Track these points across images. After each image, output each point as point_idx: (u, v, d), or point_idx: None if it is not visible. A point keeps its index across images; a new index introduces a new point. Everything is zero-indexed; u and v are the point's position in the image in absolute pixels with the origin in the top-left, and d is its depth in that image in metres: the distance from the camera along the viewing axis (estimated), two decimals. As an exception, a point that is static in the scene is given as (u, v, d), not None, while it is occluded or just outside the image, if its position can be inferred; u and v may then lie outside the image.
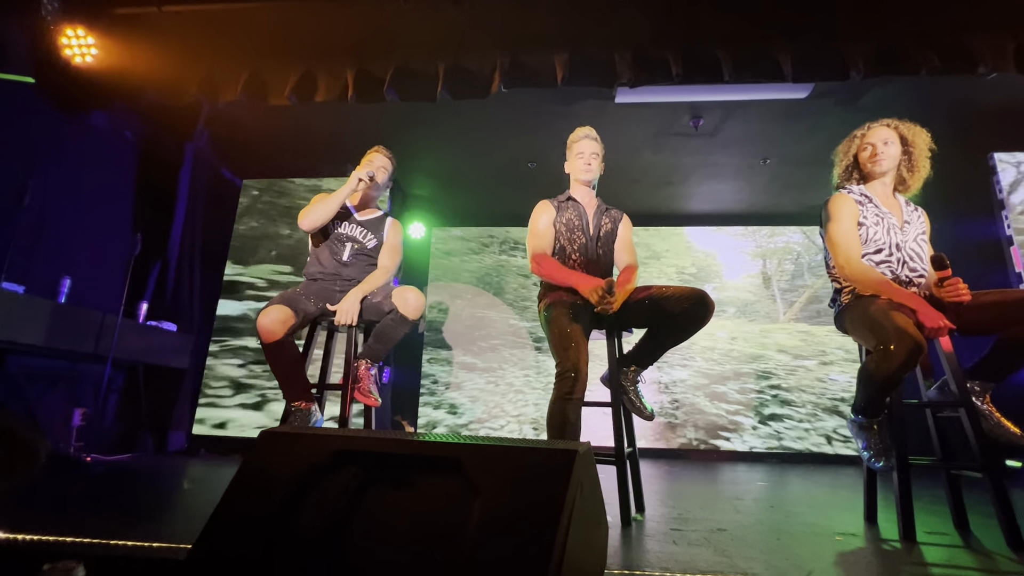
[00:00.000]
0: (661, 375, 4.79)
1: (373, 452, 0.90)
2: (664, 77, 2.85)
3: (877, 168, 1.78)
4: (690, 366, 4.82)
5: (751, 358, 4.81)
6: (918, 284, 1.71)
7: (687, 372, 4.80)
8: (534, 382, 4.89)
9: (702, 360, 4.83)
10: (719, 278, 5.12)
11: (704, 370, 4.80)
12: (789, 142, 3.94)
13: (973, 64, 2.69)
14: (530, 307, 5.11)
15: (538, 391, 4.84)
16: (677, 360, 4.83)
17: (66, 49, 2.94)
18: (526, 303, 5.16)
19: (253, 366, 3.94)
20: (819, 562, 1.26)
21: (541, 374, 4.90)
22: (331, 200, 2.05)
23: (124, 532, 1.28)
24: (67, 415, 2.99)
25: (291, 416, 1.87)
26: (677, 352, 4.69)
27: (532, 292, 5.15)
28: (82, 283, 2.98)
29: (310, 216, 2.03)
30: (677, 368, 4.82)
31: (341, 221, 2.14)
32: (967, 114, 3.48)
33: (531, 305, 5.09)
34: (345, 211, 2.16)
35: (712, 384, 4.75)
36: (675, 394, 4.73)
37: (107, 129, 3.44)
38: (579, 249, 1.93)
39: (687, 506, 2.01)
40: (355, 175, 2.07)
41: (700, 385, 4.75)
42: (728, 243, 5.22)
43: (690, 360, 4.84)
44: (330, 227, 2.12)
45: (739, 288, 5.04)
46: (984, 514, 1.78)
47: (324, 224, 2.07)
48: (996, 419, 1.58)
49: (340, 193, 2.05)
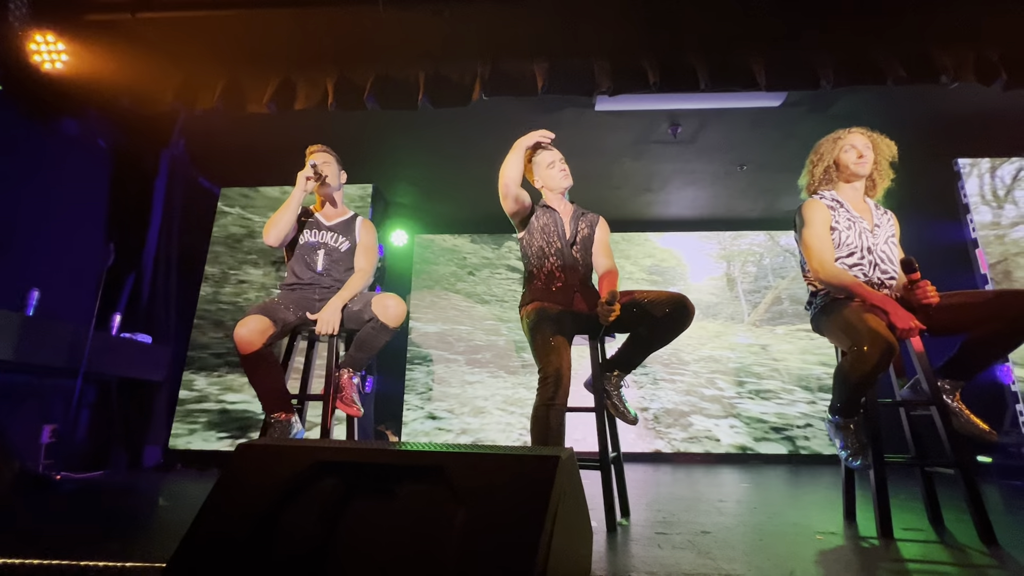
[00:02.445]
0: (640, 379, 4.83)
1: (355, 463, 0.89)
2: (642, 85, 2.91)
3: (861, 170, 1.82)
4: (667, 370, 4.87)
5: (724, 360, 4.88)
6: (889, 286, 1.76)
7: (665, 375, 4.84)
8: (519, 388, 4.88)
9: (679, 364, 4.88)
10: (683, 280, 5.20)
11: (681, 373, 4.85)
12: (765, 149, 4.04)
13: (936, 74, 2.80)
14: (513, 314, 5.11)
15: (523, 397, 4.83)
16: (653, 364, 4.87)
17: (35, 55, 2.86)
18: (509, 310, 5.16)
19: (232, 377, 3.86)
20: (800, 561, 1.28)
21: (526, 380, 4.90)
22: (286, 207, 2.00)
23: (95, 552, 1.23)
24: (36, 432, 2.88)
25: (271, 428, 1.83)
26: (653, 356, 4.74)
27: (515, 299, 5.15)
28: (52, 295, 2.89)
29: (273, 229, 1.99)
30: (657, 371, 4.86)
31: (310, 230, 2.10)
32: (932, 122, 3.61)
33: (514, 312, 5.09)
34: (312, 219, 2.13)
35: (690, 387, 4.80)
36: (655, 398, 4.77)
37: (79, 137, 3.36)
38: (555, 253, 1.94)
39: (672, 509, 2.02)
40: (300, 175, 2.03)
41: (678, 388, 4.79)
42: (692, 245, 5.31)
43: (668, 364, 4.89)
44: (299, 238, 2.08)
45: (702, 290, 5.12)
46: (957, 509, 1.83)
47: (287, 233, 2.02)
48: (966, 416, 1.63)
49: (293, 198, 2.00)
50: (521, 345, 5.00)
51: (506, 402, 4.83)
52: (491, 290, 5.27)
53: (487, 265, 5.35)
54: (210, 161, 4.21)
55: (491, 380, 4.92)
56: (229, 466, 0.91)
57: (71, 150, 3.31)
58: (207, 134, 3.87)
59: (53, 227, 3.12)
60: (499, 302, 5.22)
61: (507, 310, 5.17)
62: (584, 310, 1.86)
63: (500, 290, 5.26)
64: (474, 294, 5.26)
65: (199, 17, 2.85)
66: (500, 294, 5.25)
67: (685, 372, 4.86)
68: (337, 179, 2.19)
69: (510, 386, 4.89)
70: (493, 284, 5.29)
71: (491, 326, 5.13)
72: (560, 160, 2.03)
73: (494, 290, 5.27)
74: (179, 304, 3.99)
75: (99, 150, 3.53)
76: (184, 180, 4.10)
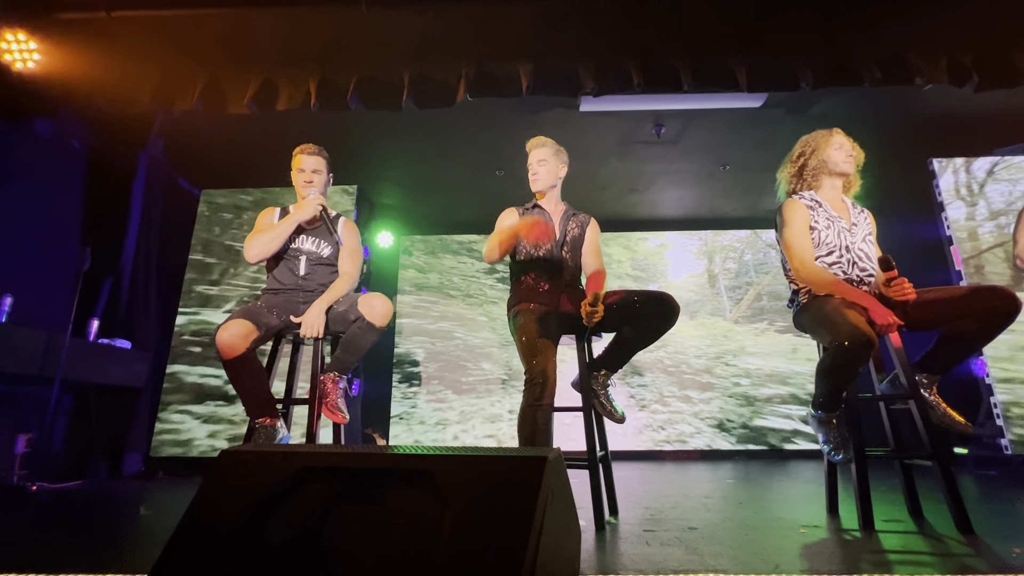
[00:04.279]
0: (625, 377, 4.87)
1: (340, 468, 0.88)
2: (626, 86, 2.93)
3: (848, 168, 1.87)
4: (653, 367, 4.91)
5: (708, 356, 4.94)
6: (868, 283, 1.79)
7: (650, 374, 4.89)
8: (506, 389, 4.88)
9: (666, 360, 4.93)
10: (664, 277, 5.25)
11: (666, 370, 4.90)
12: (746, 149, 4.10)
13: (911, 76, 2.87)
14: (500, 314, 5.10)
15: (510, 398, 4.83)
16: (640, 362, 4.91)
17: (5, 55, 2.78)
18: (496, 310, 5.16)
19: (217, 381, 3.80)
20: (785, 555, 1.30)
21: (513, 381, 4.90)
22: (276, 235, 1.96)
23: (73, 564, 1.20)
24: (10, 442, 2.80)
25: (255, 434, 1.80)
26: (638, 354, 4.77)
27: (502, 299, 5.15)
28: (25, 301, 2.81)
29: (255, 248, 1.94)
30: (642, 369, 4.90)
31: (291, 236, 2.04)
32: (908, 122, 3.70)
33: (501, 312, 5.09)
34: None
35: (676, 384, 4.85)
36: (642, 396, 4.81)
37: (52, 138, 3.27)
38: (544, 255, 1.94)
39: (659, 507, 2.04)
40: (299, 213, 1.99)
41: (664, 385, 4.84)
42: (674, 242, 5.37)
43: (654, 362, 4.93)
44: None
45: (682, 287, 5.18)
46: (935, 500, 1.87)
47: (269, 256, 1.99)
48: (943, 409, 1.67)
49: (284, 229, 1.97)
50: (508, 344, 5.00)
51: (494, 402, 4.83)
52: (478, 290, 5.26)
53: (474, 265, 5.34)
54: (190, 163, 4.13)
55: (478, 380, 4.91)
56: (212, 473, 0.90)
57: (44, 152, 3.22)
58: (186, 135, 3.80)
59: (26, 231, 3.04)
60: (487, 302, 5.21)
61: (493, 310, 5.16)
62: (571, 311, 1.86)
63: (487, 290, 5.26)
64: (461, 294, 5.24)
65: (177, 16, 2.79)
66: (487, 294, 5.24)
67: (669, 369, 4.91)
68: (325, 185, 2.14)
69: (497, 386, 4.89)
70: (480, 284, 5.28)
71: (477, 326, 5.12)
72: (536, 162, 2.02)
73: (481, 290, 5.26)
74: (159, 308, 3.91)
75: (74, 151, 3.45)
76: (163, 182, 4.02)
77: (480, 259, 5.35)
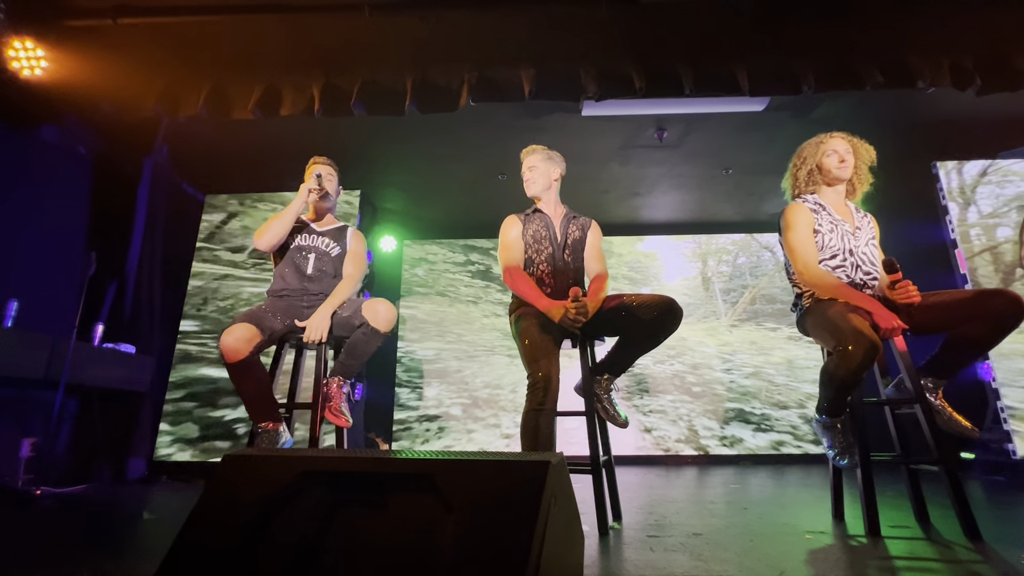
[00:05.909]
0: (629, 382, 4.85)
1: (343, 472, 0.88)
2: (628, 91, 2.93)
3: (843, 173, 1.86)
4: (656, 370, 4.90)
5: (709, 360, 4.92)
6: (871, 287, 1.79)
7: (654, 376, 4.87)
8: (509, 393, 4.87)
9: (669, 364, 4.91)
10: (657, 280, 5.24)
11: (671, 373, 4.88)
12: (749, 153, 4.09)
13: (913, 80, 2.87)
14: (502, 318, 5.10)
15: (514, 402, 4.82)
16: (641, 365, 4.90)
17: (13, 62, 2.81)
18: (498, 315, 5.16)
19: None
20: (790, 561, 1.29)
21: (516, 385, 4.89)
22: (285, 215, 2.05)
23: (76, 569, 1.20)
24: (15, 446, 2.81)
25: (258, 438, 1.80)
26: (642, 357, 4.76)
27: (504, 303, 5.15)
28: (31, 306, 2.82)
29: (266, 235, 2.02)
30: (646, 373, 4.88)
31: (301, 234, 2.13)
32: (911, 126, 3.69)
33: (503, 316, 5.09)
34: (304, 226, 2.16)
35: (680, 388, 4.83)
36: (645, 401, 4.79)
37: (59, 144, 3.30)
38: (546, 259, 1.95)
39: (663, 512, 2.02)
40: (303, 188, 2.09)
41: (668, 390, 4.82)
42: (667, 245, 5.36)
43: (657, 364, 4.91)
44: (290, 242, 2.10)
45: (675, 291, 5.15)
46: (942, 505, 1.85)
47: (281, 241, 2.06)
48: (948, 414, 1.65)
49: (293, 207, 2.06)
50: (511, 349, 5.00)
51: (497, 406, 4.82)
52: (481, 294, 5.26)
53: (477, 269, 5.35)
54: (194, 168, 4.16)
55: (482, 384, 4.90)
56: (215, 477, 0.90)
57: (51, 157, 3.25)
58: (191, 140, 3.83)
59: (32, 236, 3.06)
60: (488, 306, 5.21)
61: (496, 314, 5.16)
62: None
63: (489, 295, 5.26)
64: (463, 298, 5.24)
65: (182, 23, 2.82)
66: (489, 299, 5.24)
67: (672, 373, 4.89)
68: (336, 191, 2.25)
69: (500, 390, 4.88)
70: (483, 289, 5.28)
71: (480, 330, 5.12)
72: (527, 169, 2.05)
73: (484, 295, 5.26)
74: (163, 313, 3.92)
75: (80, 157, 3.47)
76: (168, 187, 4.04)
77: (481, 262, 5.36)
